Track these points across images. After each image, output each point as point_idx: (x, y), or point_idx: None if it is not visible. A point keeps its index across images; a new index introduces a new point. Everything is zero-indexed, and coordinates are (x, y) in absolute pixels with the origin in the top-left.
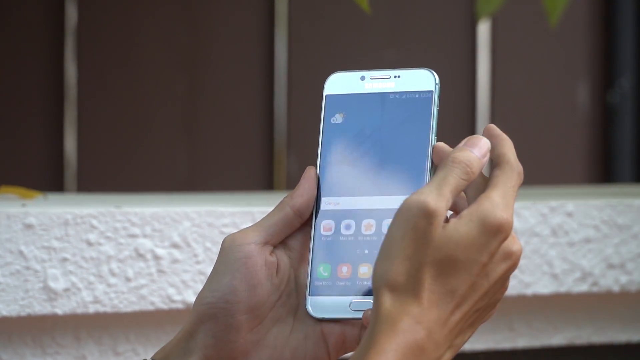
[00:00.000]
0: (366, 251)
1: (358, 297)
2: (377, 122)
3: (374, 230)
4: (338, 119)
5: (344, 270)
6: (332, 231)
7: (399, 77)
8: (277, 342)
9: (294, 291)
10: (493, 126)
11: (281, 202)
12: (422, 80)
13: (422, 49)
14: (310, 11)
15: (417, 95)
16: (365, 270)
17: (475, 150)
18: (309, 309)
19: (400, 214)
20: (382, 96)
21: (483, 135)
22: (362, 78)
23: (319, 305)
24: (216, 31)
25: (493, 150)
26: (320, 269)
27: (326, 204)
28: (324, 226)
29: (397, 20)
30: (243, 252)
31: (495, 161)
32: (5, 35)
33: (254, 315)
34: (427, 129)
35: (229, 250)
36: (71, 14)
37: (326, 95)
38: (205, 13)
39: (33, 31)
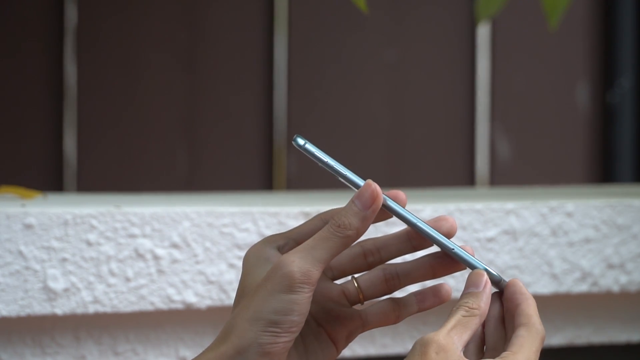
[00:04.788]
0: None
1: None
2: None
3: None
4: None
5: None
6: None
7: None
8: (298, 350)
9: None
10: (518, 282)
11: (347, 238)
12: None
13: (422, 49)
14: (310, 11)
15: None
16: None
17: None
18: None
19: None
20: None
21: (507, 288)
22: None
23: None
24: (216, 31)
25: (518, 306)
26: None
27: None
28: None
29: (397, 20)
30: (308, 289)
31: (519, 320)
32: (5, 35)
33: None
34: None
35: (291, 280)
36: (71, 14)
37: None
38: (205, 13)
39: (33, 31)
